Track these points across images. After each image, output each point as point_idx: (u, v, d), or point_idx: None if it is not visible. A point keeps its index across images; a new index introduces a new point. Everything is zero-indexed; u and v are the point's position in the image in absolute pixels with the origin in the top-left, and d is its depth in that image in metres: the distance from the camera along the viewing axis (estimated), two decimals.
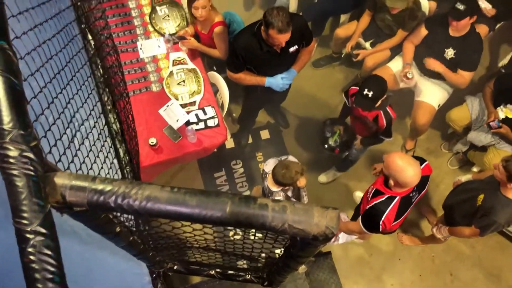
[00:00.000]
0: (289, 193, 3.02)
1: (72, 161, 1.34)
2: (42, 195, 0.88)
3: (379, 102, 2.99)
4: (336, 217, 0.95)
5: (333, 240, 3.20)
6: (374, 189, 2.70)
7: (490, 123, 3.49)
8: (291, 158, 3.07)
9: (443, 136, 4.41)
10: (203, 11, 3.17)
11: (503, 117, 3.45)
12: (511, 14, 4.10)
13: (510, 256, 3.89)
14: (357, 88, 3.04)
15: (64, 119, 1.34)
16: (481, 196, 2.86)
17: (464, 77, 3.58)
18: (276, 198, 2.91)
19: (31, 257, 0.83)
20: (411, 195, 2.58)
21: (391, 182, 2.51)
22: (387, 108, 3.07)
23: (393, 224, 2.59)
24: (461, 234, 3.07)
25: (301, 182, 2.84)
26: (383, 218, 2.55)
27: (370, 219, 2.66)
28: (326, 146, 3.57)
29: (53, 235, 0.87)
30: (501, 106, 3.46)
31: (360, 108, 3.01)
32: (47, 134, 1.17)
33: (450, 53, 3.55)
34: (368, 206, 2.65)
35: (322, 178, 4.18)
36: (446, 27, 3.49)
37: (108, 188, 0.95)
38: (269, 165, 2.97)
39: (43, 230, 0.85)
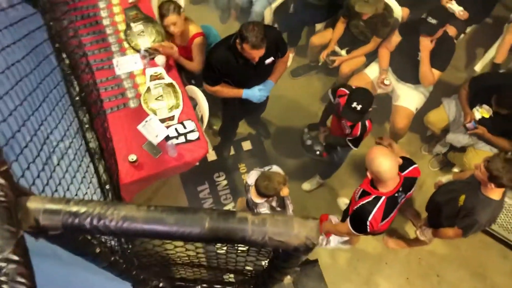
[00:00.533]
0: (274, 204, 3.01)
1: (47, 184, 1.31)
2: (13, 221, 0.86)
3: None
4: (316, 227, 0.94)
5: (325, 243, 3.21)
6: (361, 189, 2.72)
7: (467, 125, 3.55)
8: (275, 168, 3.07)
9: (422, 138, 4.46)
10: (174, 27, 3.18)
11: (480, 117, 3.52)
12: (482, 17, 4.21)
13: (494, 254, 3.94)
14: (346, 91, 3.06)
15: (37, 141, 1.31)
16: (463, 197, 2.89)
17: (433, 74, 3.63)
18: (261, 209, 2.90)
19: (4, 286, 0.80)
20: (396, 195, 2.60)
21: (369, 175, 2.55)
22: (366, 121, 3.10)
23: (381, 224, 2.61)
24: (444, 236, 3.09)
25: (284, 191, 2.84)
26: (370, 218, 2.57)
27: (358, 220, 2.67)
28: (316, 152, 3.57)
29: (27, 262, 0.84)
30: (477, 107, 3.53)
31: (347, 120, 3.05)
32: (19, 157, 1.14)
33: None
34: (355, 207, 2.67)
35: (306, 186, 4.19)
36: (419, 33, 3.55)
37: (83, 209, 0.93)
38: (251, 177, 2.96)
39: (16, 258, 0.82)
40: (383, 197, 2.56)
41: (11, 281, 0.80)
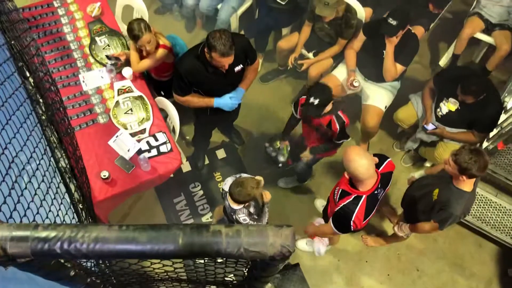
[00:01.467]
0: (252, 209, 3.00)
1: (15, 209, 1.27)
2: None
3: (328, 108, 3.07)
4: (291, 235, 0.94)
5: (319, 251, 3.24)
6: (340, 190, 2.73)
7: (425, 126, 3.67)
8: (244, 175, 3.07)
9: (393, 135, 4.54)
10: (149, 45, 3.17)
11: (446, 111, 3.60)
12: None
13: (470, 244, 4.04)
14: (305, 98, 3.10)
15: (1, 166, 1.27)
16: (436, 191, 2.95)
17: (396, 68, 3.71)
18: (239, 215, 2.89)
19: None
20: (376, 192, 2.63)
21: (347, 175, 2.58)
22: (338, 112, 3.14)
23: (363, 222, 2.63)
24: (421, 230, 3.14)
25: (267, 196, 2.93)
26: (353, 218, 2.59)
27: (341, 220, 2.69)
28: (279, 165, 3.72)
29: None
30: (443, 101, 3.61)
31: (310, 115, 3.08)
32: None
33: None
34: (337, 208, 2.68)
35: (281, 183, 4.20)
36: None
37: (52, 234, 0.90)
38: (227, 184, 2.96)
39: None
40: (364, 196, 2.59)
41: None
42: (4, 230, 0.89)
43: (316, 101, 2.96)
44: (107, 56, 3.45)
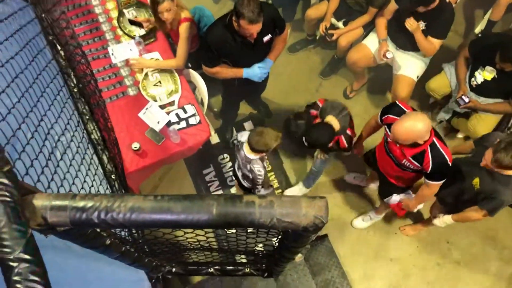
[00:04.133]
0: (266, 164, 3.03)
1: (52, 179, 1.31)
2: (22, 220, 0.86)
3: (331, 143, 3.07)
4: (324, 206, 0.94)
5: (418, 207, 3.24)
6: (411, 158, 2.68)
7: (458, 100, 3.54)
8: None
9: (425, 106, 4.42)
10: (168, 14, 3.12)
11: (482, 80, 3.48)
12: None
13: (503, 216, 3.94)
14: (315, 111, 3.21)
15: (38, 137, 1.30)
16: (476, 180, 2.84)
17: (433, 44, 3.57)
18: (255, 166, 2.93)
19: (18, 285, 0.80)
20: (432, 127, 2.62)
21: (420, 141, 2.53)
22: (347, 131, 3.10)
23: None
24: (469, 220, 3.05)
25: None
26: (448, 159, 2.58)
27: (442, 171, 2.67)
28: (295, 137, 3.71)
29: (38, 260, 0.84)
30: (479, 70, 3.48)
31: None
32: (22, 155, 1.13)
33: (421, 25, 3.54)
34: (430, 169, 2.64)
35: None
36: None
37: (90, 204, 0.93)
38: (244, 136, 2.98)
39: (27, 256, 0.82)
40: (433, 138, 2.57)
41: (24, 280, 0.81)
42: (44, 199, 0.92)
43: (306, 143, 3.01)
44: (129, 21, 3.45)
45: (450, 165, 2.61)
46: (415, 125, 2.44)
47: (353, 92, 4.45)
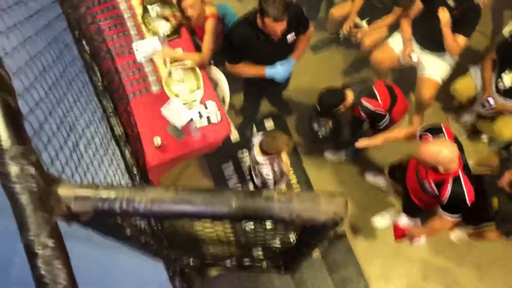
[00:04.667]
0: (276, 168, 3.02)
1: (76, 170, 1.34)
2: (47, 208, 0.88)
3: (343, 107, 3.13)
4: (343, 203, 0.94)
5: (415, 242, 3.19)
6: (432, 182, 2.67)
7: (483, 102, 3.48)
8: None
9: (449, 108, 4.36)
10: (192, 10, 3.15)
11: (509, 82, 3.41)
12: None
13: None
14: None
15: (64, 129, 1.34)
16: (495, 200, 2.82)
17: (458, 42, 3.51)
18: (263, 169, 2.94)
19: (42, 271, 0.83)
20: (464, 162, 2.60)
21: (441, 168, 2.51)
22: (362, 100, 3.10)
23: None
24: (485, 239, 3.02)
25: (283, 156, 2.92)
26: (467, 197, 2.54)
27: (458, 205, 2.63)
28: (319, 136, 3.70)
29: (62, 247, 0.87)
30: (506, 71, 3.41)
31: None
32: (48, 146, 1.17)
33: None
34: (445, 199, 2.61)
35: (328, 153, 4.19)
36: None
37: (113, 194, 0.95)
38: (257, 138, 3.01)
39: (51, 244, 0.85)
40: (460, 172, 2.55)
41: (47, 266, 0.83)
42: (69, 189, 0.94)
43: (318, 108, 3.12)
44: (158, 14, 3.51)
45: (469, 205, 2.55)
46: (441, 151, 2.44)
47: None
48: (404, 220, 3.17)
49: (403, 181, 3.18)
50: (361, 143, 3.20)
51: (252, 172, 3.23)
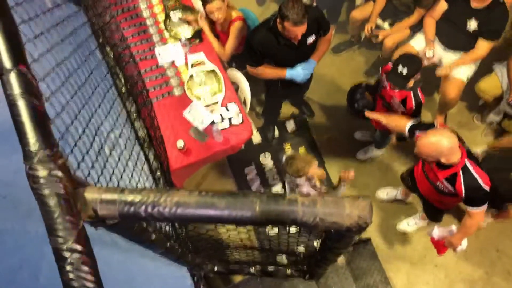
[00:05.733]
0: (318, 183, 2.99)
1: (102, 174, 1.36)
2: (74, 212, 0.90)
3: (411, 83, 2.90)
4: (368, 206, 0.93)
5: (459, 249, 3.08)
6: (444, 180, 2.58)
7: (510, 102, 3.39)
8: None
9: (474, 107, 4.26)
10: (219, 13, 3.18)
11: None
12: None
13: None
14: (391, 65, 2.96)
15: (89, 133, 1.36)
16: None
17: (481, 49, 3.44)
18: (304, 189, 2.90)
19: (70, 275, 0.84)
20: (466, 148, 2.51)
21: (443, 160, 2.43)
22: (418, 90, 2.98)
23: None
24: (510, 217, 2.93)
25: (317, 173, 2.89)
26: (482, 184, 2.44)
27: (477, 196, 2.53)
28: (355, 106, 3.45)
29: (89, 251, 0.88)
30: None
31: (392, 84, 2.91)
32: (74, 150, 1.19)
33: (473, 25, 3.40)
34: (462, 192, 2.51)
35: (360, 155, 4.13)
36: None
37: (138, 198, 0.96)
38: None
39: (79, 247, 0.86)
40: (465, 160, 2.45)
41: (76, 270, 0.85)
42: (95, 193, 0.96)
43: (405, 71, 2.76)
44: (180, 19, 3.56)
45: (487, 189, 2.44)
46: (440, 140, 2.35)
47: None
48: (436, 232, 3.07)
49: (416, 189, 3.11)
50: (372, 114, 3.09)
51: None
